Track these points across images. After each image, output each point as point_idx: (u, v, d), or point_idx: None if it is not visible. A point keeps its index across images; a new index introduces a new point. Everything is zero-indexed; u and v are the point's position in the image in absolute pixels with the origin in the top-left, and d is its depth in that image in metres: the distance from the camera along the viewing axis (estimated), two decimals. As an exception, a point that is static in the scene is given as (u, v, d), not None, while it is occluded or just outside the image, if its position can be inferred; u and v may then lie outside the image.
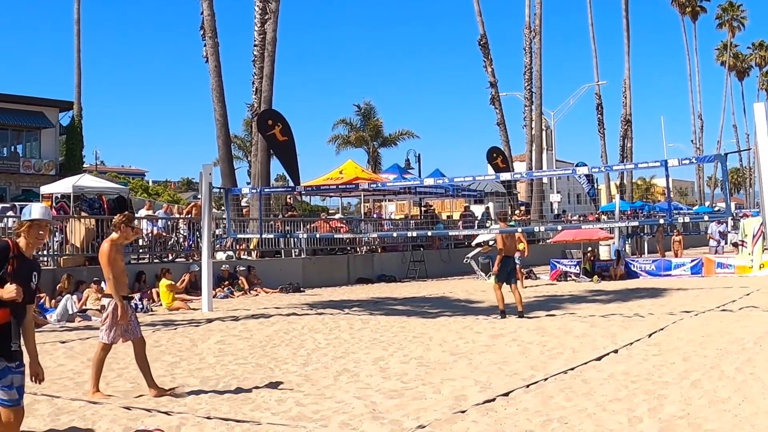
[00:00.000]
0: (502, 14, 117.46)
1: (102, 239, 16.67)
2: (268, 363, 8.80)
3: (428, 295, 17.86)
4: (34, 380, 4.66)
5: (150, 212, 21.26)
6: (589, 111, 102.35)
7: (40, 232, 4.65)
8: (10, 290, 4.25)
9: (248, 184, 37.61)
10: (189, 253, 19.11)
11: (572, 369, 7.75)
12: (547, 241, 28.62)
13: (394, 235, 23.73)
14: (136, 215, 20.57)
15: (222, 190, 17.78)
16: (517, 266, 19.37)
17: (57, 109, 36.32)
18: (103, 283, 14.93)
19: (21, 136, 36.30)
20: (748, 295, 15.22)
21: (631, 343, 9.31)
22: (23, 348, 4.51)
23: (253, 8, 24.05)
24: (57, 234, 16.19)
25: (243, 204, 23.82)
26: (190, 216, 20.03)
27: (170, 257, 18.91)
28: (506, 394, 6.64)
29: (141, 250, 18.53)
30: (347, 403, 6.47)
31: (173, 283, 15.98)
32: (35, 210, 4.71)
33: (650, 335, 9.97)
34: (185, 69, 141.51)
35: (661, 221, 23.29)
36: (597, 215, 36.85)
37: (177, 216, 20.82)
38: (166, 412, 6.26)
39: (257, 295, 18.12)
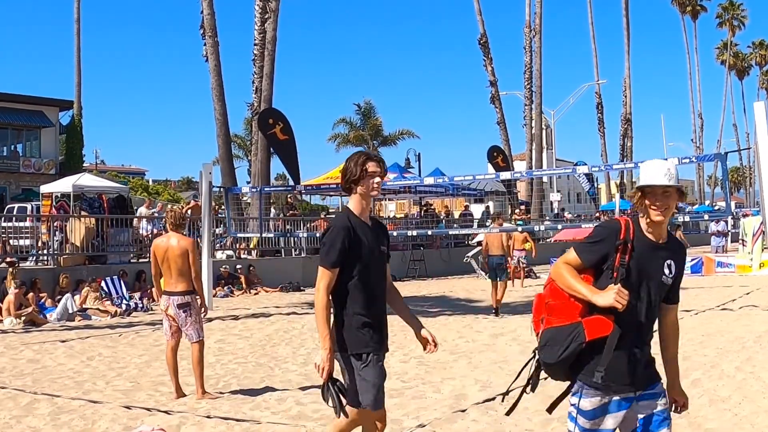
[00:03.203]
0: (502, 13, 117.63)
1: (102, 238, 16.86)
2: (268, 362, 8.80)
3: (428, 294, 17.85)
4: (677, 410, 3.37)
5: (148, 210, 21.27)
6: (589, 110, 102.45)
7: (669, 203, 3.09)
8: (608, 294, 2.92)
9: (248, 183, 37.60)
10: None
11: (572, 368, 7.74)
12: (548, 240, 28.61)
13: (394, 234, 23.69)
14: (137, 214, 20.60)
15: (222, 189, 17.78)
16: (523, 265, 19.47)
17: (57, 108, 36.27)
18: (102, 282, 14.94)
19: (21, 135, 36.26)
20: (748, 294, 15.22)
21: (632, 342, 9.30)
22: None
23: (253, 7, 24.07)
24: (57, 233, 16.20)
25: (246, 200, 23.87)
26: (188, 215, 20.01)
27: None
28: (506, 394, 6.63)
29: (141, 250, 18.49)
30: (347, 402, 6.46)
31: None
32: (657, 171, 3.05)
33: (650, 334, 9.96)
34: (185, 68, 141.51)
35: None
36: (597, 215, 36.83)
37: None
38: (166, 411, 6.26)
39: (257, 294, 18.11)
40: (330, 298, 3.65)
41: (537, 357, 3.17)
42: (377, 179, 3.71)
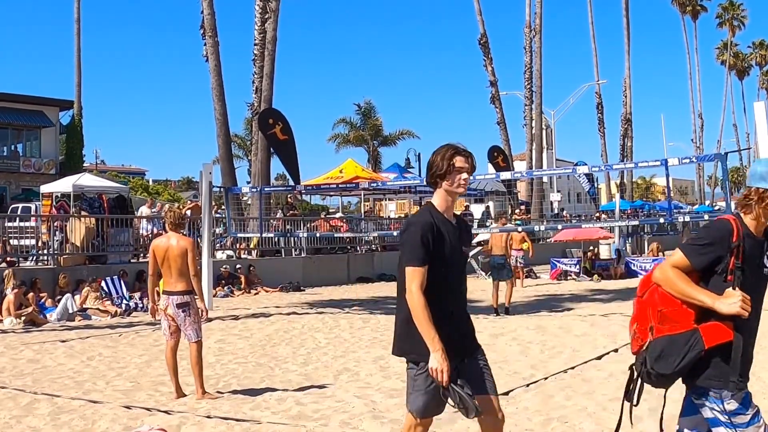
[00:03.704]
0: (502, 13, 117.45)
1: (102, 238, 16.85)
2: (268, 362, 8.80)
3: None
4: None
5: (150, 210, 21.28)
6: (590, 110, 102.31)
7: None
8: (732, 301, 2.82)
9: (248, 183, 37.61)
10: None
11: (572, 368, 7.75)
12: (548, 240, 28.61)
13: (395, 234, 23.69)
14: (138, 214, 20.60)
15: (222, 189, 17.77)
16: (520, 265, 19.48)
17: (57, 108, 36.26)
18: (102, 282, 14.94)
19: (21, 135, 36.26)
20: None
21: (632, 342, 9.30)
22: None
23: (254, 7, 24.08)
24: (57, 233, 16.19)
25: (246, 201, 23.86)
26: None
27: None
28: (506, 393, 6.63)
29: (139, 249, 18.50)
30: (347, 402, 6.46)
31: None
32: None
33: (650, 334, 9.95)
34: (185, 68, 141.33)
35: (661, 220, 23.30)
36: (597, 215, 36.86)
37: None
38: (166, 411, 6.26)
39: (257, 294, 18.11)
40: (422, 295, 3.32)
41: (644, 368, 3.06)
42: (464, 175, 3.45)
